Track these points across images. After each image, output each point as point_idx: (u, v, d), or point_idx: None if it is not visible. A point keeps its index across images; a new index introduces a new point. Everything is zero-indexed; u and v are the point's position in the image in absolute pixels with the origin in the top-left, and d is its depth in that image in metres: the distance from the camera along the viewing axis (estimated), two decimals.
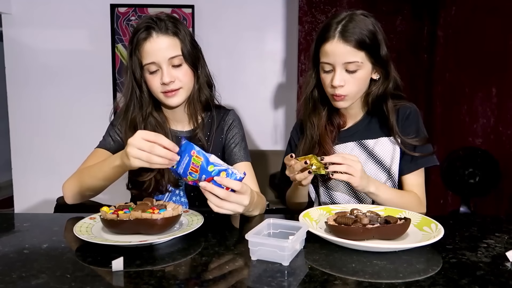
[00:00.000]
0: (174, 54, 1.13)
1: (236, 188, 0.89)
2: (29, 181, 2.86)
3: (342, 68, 1.13)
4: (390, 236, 0.88)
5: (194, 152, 0.90)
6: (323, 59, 1.16)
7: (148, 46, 1.12)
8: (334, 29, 1.12)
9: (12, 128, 2.84)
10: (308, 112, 1.28)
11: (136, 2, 2.72)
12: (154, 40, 1.12)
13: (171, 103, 1.16)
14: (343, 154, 1.06)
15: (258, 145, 2.76)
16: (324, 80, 1.18)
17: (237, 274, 0.75)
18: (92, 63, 2.79)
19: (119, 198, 1.24)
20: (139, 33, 1.13)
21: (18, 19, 2.74)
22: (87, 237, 0.87)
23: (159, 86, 1.14)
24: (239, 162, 1.25)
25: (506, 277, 0.73)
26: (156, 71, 1.14)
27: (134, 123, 1.19)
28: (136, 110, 1.19)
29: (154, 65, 1.13)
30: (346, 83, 1.14)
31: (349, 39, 1.11)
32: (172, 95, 1.15)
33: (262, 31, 2.77)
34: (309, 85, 1.26)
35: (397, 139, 1.21)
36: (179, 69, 1.15)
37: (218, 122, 1.27)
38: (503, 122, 2.28)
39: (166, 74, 1.12)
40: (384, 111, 1.22)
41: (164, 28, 1.13)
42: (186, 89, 1.18)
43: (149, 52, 1.12)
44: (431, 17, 2.48)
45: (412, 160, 1.21)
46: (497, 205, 2.33)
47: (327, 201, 1.30)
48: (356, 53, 1.12)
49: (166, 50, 1.12)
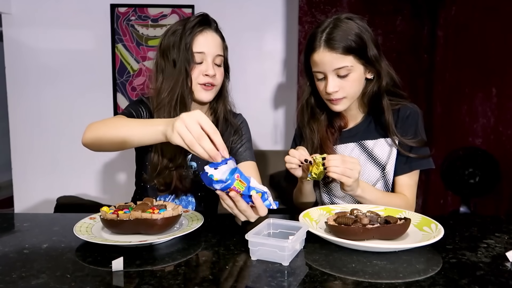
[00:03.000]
0: (220, 53, 1.22)
1: (262, 214, 0.88)
2: (29, 181, 2.86)
3: (334, 74, 1.14)
4: (390, 236, 0.88)
5: (238, 176, 0.85)
6: (314, 69, 1.17)
7: (203, 37, 1.18)
8: (319, 39, 1.13)
9: (12, 128, 2.84)
10: (306, 119, 1.30)
11: (136, 2, 2.72)
12: (209, 34, 1.20)
13: (205, 97, 1.21)
14: (344, 157, 1.06)
15: (258, 145, 2.76)
16: (318, 88, 1.20)
17: (237, 274, 0.75)
18: (92, 63, 2.78)
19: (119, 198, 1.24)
20: (195, 25, 1.17)
21: (18, 19, 2.74)
22: (87, 237, 0.87)
23: (198, 76, 1.18)
24: (244, 161, 1.27)
25: (506, 277, 0.73)
26: (199, 63, 1.18)
27: (184, 103, 1.16)
28: (185, 93, 1.16)
29: (201, 55, 1.17)
30: (340, 88, 1.15)
31: (335, 47, 1.11)
32: (209, 89, 1.20)
33: (262, 31, 2.77)
34: (305, 93, 1.29)
35: (393, 138, 1.21)
36: (219, 69, 1.22)
37: (228, 125, 1.31)
38: (503, 122, 2.28)
39: (212, 67, 1.18)
40: (383, 110, 1.22)
41: (216, 28, 1.23)
42: (218, 88, 1.24)
43: (201, 43, 1.17)
44: (431, 17, 2.48)
45: (407, 162, 1.21)
46: (497, 205, 2.33)
47: (327, 201, 1.31)
48: (344, 58, 1.12)
49: (216, 46, 1.20)
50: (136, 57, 2.76)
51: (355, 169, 1.04)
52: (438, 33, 2.44)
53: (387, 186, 1.24)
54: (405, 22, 2.51)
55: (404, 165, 1.21)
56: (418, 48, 2.53)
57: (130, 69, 2.77)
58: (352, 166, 1.03)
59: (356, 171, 1.04)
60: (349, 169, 1.03)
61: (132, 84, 2.79)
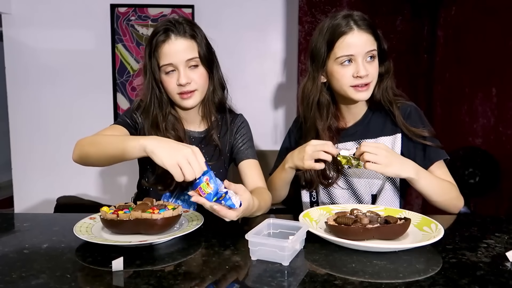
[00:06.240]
0: (191, 56, 1.16)
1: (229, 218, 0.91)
2: (29, 181, 2.86)
3: (363, 58, 1.15)
4: (390, 236, 0.88)
5: (207, 179, 0.89)
6: (342, 53, 1.15)
7: (167, 48, 1.14)
8: (348, 23, 1.15)
9: (12, 128, 2.83)
10: (314, 118, 1.25)
11: (136, 2, 2.72)
12: (172, 42, 1.14)
13: (187, 104, 1.19)
14: (365, 143, 1.07)
15: (258, 145, 2.76)
16: (341, 75, 1.17)
17: (237, 274, 0.75)
18: (92, 63, 2.78)
19: (119, 198, 1.24)
20: (158, 35, 1.15)
21: (18, 19, 2.74)
22: (87, 237, 0.87)
23: (175, 87, 1.17)
24: (246, 159, 1.27)
25: (506, 277, 0.73)
26: (172, 72, 1.16)
27: (156, 121, 1.20)
28: (156, 109, 1.20)
29: (171, 66, 1.15)
30: (369, 72, 1.16)
31: (366, 28, 1.15)
32: (188, 97, 1.18)
33: (262, 31, 2.77)
34: (315, 91, 1.23)
35: (403, 128, 1.20)
36: (195, 71, 1.18)
37: (228, 124, 1.30)
38: (503, 122, 2.28)
39: (183, 75, 1.15)
40: (386, 106, 1.22)
41: (182, 31, 1.16)
42: (201, 91, 1.20)
43: (167, 54, 1.14)
44: (431, 17, 2.48)
45: (425, 157, 1.19)
46: (497, 205, 2.33)
47: (327, 201, 1.30)
48: (373, 42, 1.16)
49: (184, 52, 1.15)
50: (136, 57, 2.76)
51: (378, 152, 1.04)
52: (438, 33, 2.44)
53: (395, 186, 1.24)
54: (405, 22, 2.51)
55: (424, 160, 1.19)
56: (418, 48, 2.53)
57: (130, 69, 2.77)
58: (374, 150, 1.04)
59: (380, 153, 1.04)
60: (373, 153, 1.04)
61: (132, 84, 2.79)
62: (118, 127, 1.18)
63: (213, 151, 1.28)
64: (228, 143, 1.30)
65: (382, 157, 1.04)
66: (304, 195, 1.34)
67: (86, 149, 1.06)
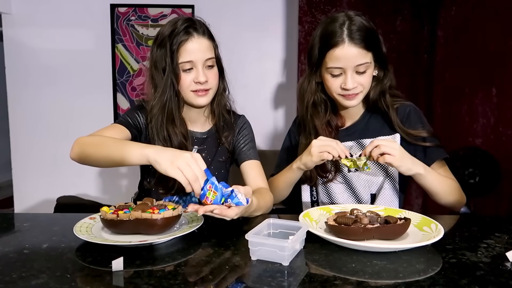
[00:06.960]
0: (210, 56, 1.19)
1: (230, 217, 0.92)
2: (29, 181, 2.86)
3: (353, 70, 1.15)
4: (390, 236, 0.88)
5: (210, 186, 0.90)
6: (331, 65, 1.16)
7: (189, 45, 1.16)
8: (341, 34, 1.13)
9: (12, 128, 2.83)
10: (313, 117, 1.28)
11: (136, 2, 2.72)
12: (195, 40, 1.16)
13: (200, 102, 1.20)
14: (378, 139, 1.08)
15: (258, 145, 2.75)
16: (331, 84, 1.19)
17: (237, 274, 0.75)
18: (92, 63, 2.78)
19: (119, 198, 1.25)
20: (179, 33, 1.16)
21: (18, 19, 2.74)
22: (87, 237, 0.88)
23: (190, 84, 1.18)
24: (248, 160, 1.28)
25: (506, 277, 0.73)
26: (189, 70, 1.18)
27: (171, 117, 1.21)
28: (172, 104, 1.20)
29: (190, 63, 1.17)
30: (358, 83, 1.16)
31: (359, 42, 1.12)
32: (203, 94, 1.20)
33: (262, 31, 2.77)
34: (311, 91, 1.26)
35: (400, 131, 1.21)
36: (211, 71, 1.21)
37: (230, 125, 1.31)
38: (503, 122, 2.28)
39: (202, 73, 1.17)
40: (382, 108, 1.22)
41: (202, 31, 1.19)
42: (213, 90, 1.23)
43: (188, 51, 1.16)
44: (431, 17, 2.48)
45: (425, 157, 1.20)
46: (497, 205, 2.33)
47: (327, 201, 1.30)
48: (365, 54, 1.14)
49: (204, 51, 1.18)
50: (136, 57, 2.76)
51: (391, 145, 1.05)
52: (438, 33, 2.43)
53: (394, 185, 1.24)
54: (405, 22, 2.51)
55: (425, 159, 1.19)
56: (418, 48, 2.53)
57: (130, 69, 2.77)
58: (387, 143, 1.06)
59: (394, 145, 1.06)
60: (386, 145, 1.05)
61: (132, 84, 2.79)
62: (119, 127, 1.19)
63: (215, 152, 1.28)
64: (231, 144, 1.31)
65: (398, 151, 1.05)
66: (305, 195, 1.34)
67: (86, 149, 1.06)
